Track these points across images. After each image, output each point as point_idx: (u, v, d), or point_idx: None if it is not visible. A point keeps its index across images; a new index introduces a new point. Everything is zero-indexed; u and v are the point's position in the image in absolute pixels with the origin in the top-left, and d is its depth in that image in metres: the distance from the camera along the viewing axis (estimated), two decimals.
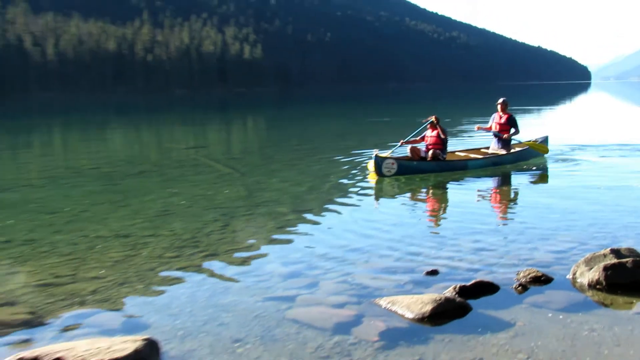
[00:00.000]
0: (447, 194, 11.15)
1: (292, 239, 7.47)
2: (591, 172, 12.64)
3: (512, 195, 11.03)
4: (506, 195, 11.06)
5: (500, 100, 14.25)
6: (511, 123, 14.12)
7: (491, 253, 6.58)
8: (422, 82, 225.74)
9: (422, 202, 10.71)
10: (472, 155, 14.01)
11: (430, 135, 13.04)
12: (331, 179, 12.20)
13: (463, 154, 14.21)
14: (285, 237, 7.60)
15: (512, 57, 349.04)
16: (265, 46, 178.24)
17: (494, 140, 14.34)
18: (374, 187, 11.38)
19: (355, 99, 78.23)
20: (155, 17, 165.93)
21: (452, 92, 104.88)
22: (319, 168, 13.99)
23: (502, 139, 14.09)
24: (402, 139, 13.19)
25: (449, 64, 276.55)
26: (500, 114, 14.24)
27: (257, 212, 9.16)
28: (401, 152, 13.35)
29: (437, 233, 7.78)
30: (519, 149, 14.12)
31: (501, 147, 14.12)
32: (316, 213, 8.94)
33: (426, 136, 13.13)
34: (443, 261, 6.30)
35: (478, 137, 18.77)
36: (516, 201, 10.49)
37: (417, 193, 11.29)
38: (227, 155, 18.80)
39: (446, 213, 9.55)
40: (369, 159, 12.50)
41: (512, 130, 14.08)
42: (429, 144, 13.00)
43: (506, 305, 5.04)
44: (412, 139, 13.20)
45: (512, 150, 14.07)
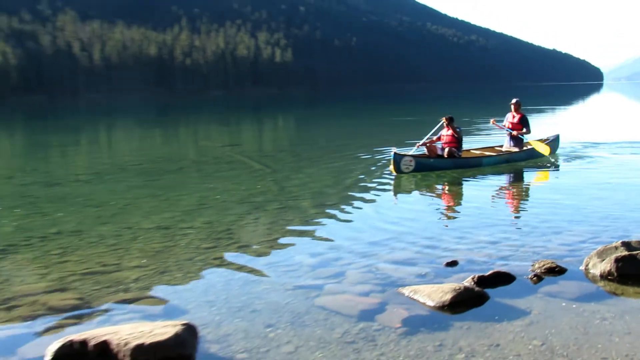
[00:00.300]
0: (463, 189, 11.07)
1: (318, 232, 7.47)
2: (603, 168, 12.45)
3: (526, 191, 10.91)
4: (520, 191, 10.93)
5: (513, 101, 14.12)
6: (523, 123, 13.99)
7: (507, 245, 6.52)
8: (442, 83, 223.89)
9: (439, 197, 10.64)
10: (487, 153, 13.89)
11: (445, 134, 13.02)
12: (354, 175, 12.16)
13: (478, 152, 14.10)
14: (312, 229, 7.61)
15: (528, 60, 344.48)
16: (295, 50, 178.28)
17: (507, 138, 14.21)
18: (393, 184, 11.31)
19: (379, 99, 77.91)
20: (193, 24, 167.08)
21: (472, 93, 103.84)
22: (343, 164, 13.97)
23: (515, 137, 13.94)
24: (419, 142, 13.08)
25: (468, 66, 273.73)
26: (514, 113, 14.11)
27: (287, 206, 9.19)
28: (419, 150, 13.29)
29: (455, 226, 7.72)
30: (530, 147, 13.97)
31: (514, 145, 13.99)
32: (340, 208, 8.93)
33: (442, 135, 13.09)
34: (462, 253, 6.26)
35: (492, 136, 18.61)
36: (529, 196, 10.38)
37: (434, 189, 11.22)
38: (259, 152, 18.84)
39: (463, 207, 9.48)
40: (390, 157, 12.47)
41: (524, 130, 13.94)
42: (445, 142, 12.96)
43: (522, 294, 5.00)
44: (427, 140, 13.09)
45: (524, 148, 13.92)
